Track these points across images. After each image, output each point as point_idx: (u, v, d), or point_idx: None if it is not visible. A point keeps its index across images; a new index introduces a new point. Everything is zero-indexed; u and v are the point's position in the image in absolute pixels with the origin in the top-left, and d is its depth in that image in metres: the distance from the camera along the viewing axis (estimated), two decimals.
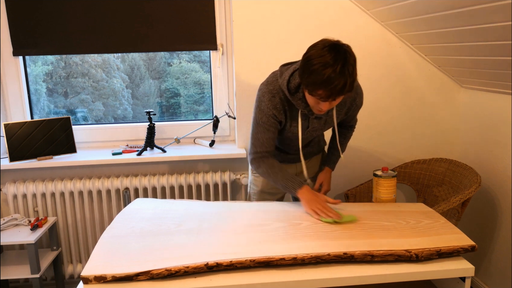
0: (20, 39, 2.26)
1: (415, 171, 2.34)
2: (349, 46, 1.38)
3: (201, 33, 2.31)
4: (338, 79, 1.31)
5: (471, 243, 1.35)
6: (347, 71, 1.32)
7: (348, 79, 1.33)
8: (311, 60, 1.34)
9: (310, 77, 1.35)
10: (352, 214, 1.55)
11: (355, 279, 1.25)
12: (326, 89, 1.34)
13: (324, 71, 1.31)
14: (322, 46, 1.35)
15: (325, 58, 1.32)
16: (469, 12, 1.58)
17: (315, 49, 1.36)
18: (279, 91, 1.56)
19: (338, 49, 1.33)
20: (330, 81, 1.31)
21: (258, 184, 1.89)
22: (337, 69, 1.30)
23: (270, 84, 1.58)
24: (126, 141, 2.47)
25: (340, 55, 1.32)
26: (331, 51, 1.32)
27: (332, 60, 1.31)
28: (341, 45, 1.36)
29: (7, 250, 2.36)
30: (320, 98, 1.39)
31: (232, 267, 1.25)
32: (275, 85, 1.56)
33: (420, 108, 2.42)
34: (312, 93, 1.38)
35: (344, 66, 1.31)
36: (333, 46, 1.34)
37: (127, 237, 1.40)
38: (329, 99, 1.38)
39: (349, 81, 1.33)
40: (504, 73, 1.85)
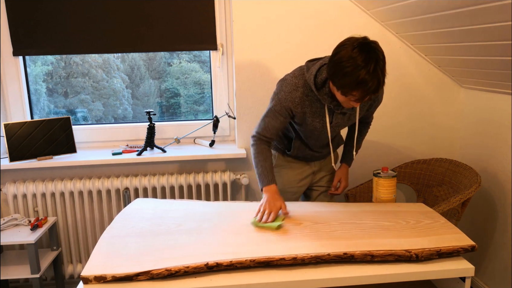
0: (20, 39, 2.26)
1: (415, 171, 2.34)
2: (377, 42, 1.38)
3: (201, 33, 2.32)
4: (372, 80, 1.33)
5: (471, 243, 1.35)
6: (379, 70, 1.34)
7: (381, 78, 1.35)
8: (343, 62, 1.35)
9: (344, 79, 1.36)
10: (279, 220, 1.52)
11: (355, 279, 1.25)
12: (361, 91, 1.36)
13: (358, 73, 1.32)
14: (351, 47, 1.34)
15: (356, 60, 1.32)
16: (469, 12, 1.58)
17: (345, 50, 1.36)
18: (304, 85, 1.58)
19: (368, 49, 1.34)
20: (365, 83, 1.33)
21: (279, 182, 1.87)
22: (370, 70, 1.32)
23: (296, 77, 1.60)
24: (126, 141, 2.47)
25: (371, 55, 1.33)
26: (361, 52, 1.33)
27: (364, 62, 1.32)
28: (370, 43, 1.36)
29: (7, 250, 2.36)
30: (356, 100, 1.41)
31: (232, 267, 1.25)
32: (301, 79, 1.59)
33: (420, 108, 2.42)
34: (347, 94, 1.40)
35: (376, 65, 1.33)
36: (363, 45, 1.35)
37: (127, 237, 1.40)
38: (364, 99, 1.41)
39: (382, 80, 1.36)
40: (504, 73, 1.85)
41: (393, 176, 1.69)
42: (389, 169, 1.73)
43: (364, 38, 1.38)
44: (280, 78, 2.28)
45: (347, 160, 1.92)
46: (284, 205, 1.58)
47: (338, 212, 1.61)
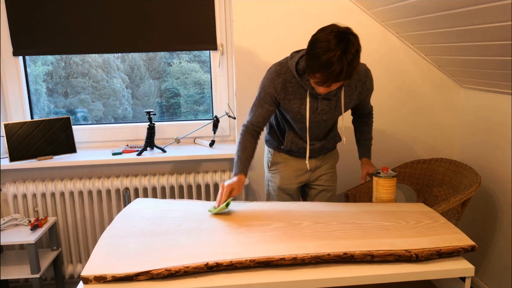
0: (20, 39, 2.26)
1: (415, 171, 2.34)
2: (356, 36, 1.39)
3: (201, 33, 2.32)
4: (336, 65, 1.35)
5: (471, 243, 1.35)
6: (345, 58, 1.35)
7: (345, 66, 1.35)
8: (316, 43, 1.38)
9: (311, 60, 1.40)
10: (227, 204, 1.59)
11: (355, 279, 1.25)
12: (323, 74, 1.38)
13: (324, 56, 1.35)
14: (330, 31, 1.38)
15: (329, 43, 1.35)
16: (469, 12, 1.58)
17: (323, 32, 1.39)
18: (287, 72, 1.62)
19: (343, 36, 1.36)
20: (327, 65, 1.35)
21: (277, 180, 1.89)
22: (336, 55, 1.34)
23: (279, 64, 1.65)
24: (126, 141, 2.47)
25: (343, 43, 1.35)
26: (336, 37, 1.35)
27: (334, 45, 1.34)
28: (347, 33, 1.38)
29: (7, 250, 2.36)
30: (317, 82, 1.44)
31: (232, 267, 1.25)
32: (283, 66, 1.63)
33: (420, 108, 2.42)
34: (311, 75, 1.44)
35: (344, 53, 1.34)
36: (340, 32, 1.37)
37: (127, 237, 1.40)
38: (325, 84, 1.43)
39: (346, 69, 1.36)
40: (504, 73, 1.85)
41: (393, 176, 1.69)
42: (389, 169, 1.73)
43: (346, 28, 1.40)
44: None
45: (365, 153, 1.93)
46: (236, 191, 1.62)
47: (338, 212, 1.61)
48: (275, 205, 1.70)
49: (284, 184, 1.89)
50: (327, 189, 1.94)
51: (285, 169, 1.89)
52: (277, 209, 1.64)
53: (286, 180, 1.89)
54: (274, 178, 1.91)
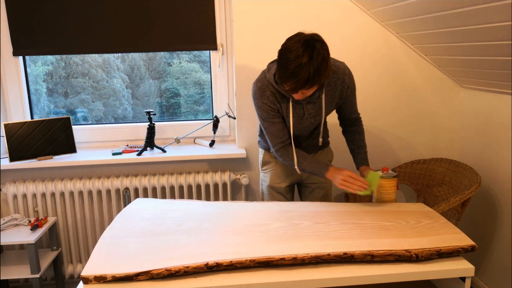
0: (20, 39, 2.26)
1: (415, 171, 2.34)
2: (323, 42, 1.41)
3: (201, 33, 2.32)
4: (303, 73, 1.37)
5: (471, 243, 1.35)
6: (312, 66, 1.37)
7: (312, 74, 1.38)
8: (283, 53, 1.42)
9: (280, 70, 1.43)
10: (374, 174, 1.63)
11: (355, 279, 1.25)
12: (291, 82, 1.41)
13: (291, 65, 1.38)
14: (297, 39, 1.40)
15: (296, 52, 1.37)
16: (469, 12, 1.58)
17: (291, 42, 1.41)
18: (268, 85, 1.64)
19: (310, 45, 1.38)
20: (295, 74, 1.38)
21: (267, 179, 1.93)
22: (303, 62, 1.36)
23: (259, 81, 1.66)
24: (126, 141, 2.47)
25: (309, 51, 1.37)
26: (303, 46, 1.37)
27: (301, 54, 1.36)
28: (313, 39, 1.40)
29: (7, 250, 2.36)
30: (288, 90, 1.46)
31: (232, 267, 1.25)
32: (264, 81, 1.65)
33: (420, 108, 2.42)
34: (283, 84, 1.47)
35: (310, 60, 1.36)
36: (307, 41, 1.39)
37: (127, 237, 1.40)
38: (295, 91, 1.46)
39: (312, 76, 1.38)
40: (504, 73, 1.85)
41: (394, 176, 1.69)
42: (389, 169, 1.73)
43: (313, 35, 1.42)
44: None
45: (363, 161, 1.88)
46: (347, 170, 1.63)
47: (338, 212, 1.61)
48: (275, 205, 1.70)
49: (275, 182, 1.91)
50: (320, 186, 1.95)
51: (275, 168, 1.91)
52: (277, 209, 1.64)
53: (276, 178, 1.90)
54: (265, 177, 1.94)
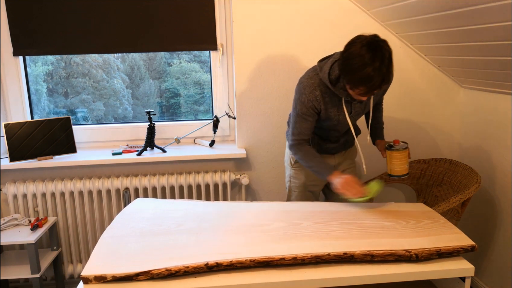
0: (20, 39, 2.26)
1: (415, 171, 2.34)
2: (385, 41, 1.45)
3: (201, 33, 2.32)
4: (376, 77, 1.42)
5: (471, 243, 1.35)
6: (385, 67, 1.42)
7: (385, 75, 1.43)
8: (351, 59, 1.44)
9: (350, 75, 1.46)
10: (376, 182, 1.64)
11: (355, 279, 1.25)
12: (366, 87, 1.45)
13: (364, 71, 1.41)
14: (360, 45, 1.43)
15: (363, 58, 1.41)
16: (469, 12, 1.58)
17: (354, 47, 1.45)
18: (320, 84, 1.67)
19: (375, 47, 1.42)
20: (369, 79, 1.42)
21: (301, 177, 1.93)
22: (376, 67, 1.40)
23: (311, 78, 1.68)
24: (126, 141, 2.47)
25: (378, 53, 1.41)
26: (369, 50, 1.41)
27: (370, 59, 1.40)
28: (378, 41, 1.44)
29: (7, 250, 2.36)
30: (360, 94, 1.50)
31: (232, 267, 1.25)
32: (316, 79, 1.67)
33: (420, 108, 2.42)
34: (353, 89, 1.50)
35: (381, 63, 1.41)
36: (371, 43, 1.43)
37: (127, 237, 1.40)
38: (369, 94, 1.51)
39: (386, 77, 1.44)
40: (504, 73, 1.85)
41: (405, 147, 1.75)
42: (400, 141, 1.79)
43: (373, 36, 1.46)
44: (280, 78, 2.29)
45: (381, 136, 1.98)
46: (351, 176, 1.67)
47: (338, 212, 1.61)
48: (275, 205, 1.70)
49: (310, 181, 1.93)
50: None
51: None
52: (277, 209, 1.65)
53: (311, 175, 1.91)
54: (298, 174, 1.94)
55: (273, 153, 2.40)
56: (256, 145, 2.38)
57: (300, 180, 1.94)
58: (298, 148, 1.78)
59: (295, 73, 2.29)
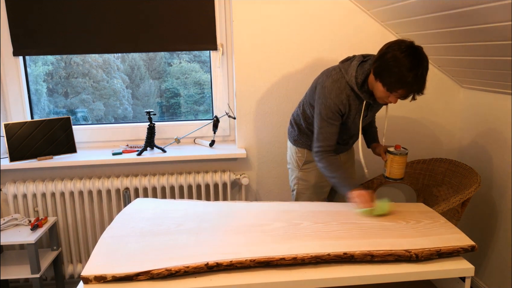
0: (20, 39, 2.26)
1: (415, 171, 2.33)
2: (422, 48, 1.51)
3: (201, 33, 2.32)
4: (417, 83, 1.49)
5: (471, 243, 1.35)
6: (426, 74, 1.49)
7: (425, 81, 1.50)
8: (392, 62, 1.48)
9: (393, 78, 1.49)
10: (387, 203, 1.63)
11: (355, 279, 1.25)
12: (406, 90, 1.49)
13: (408, 75, 1.46)
14: (400, 50, 1.48)
15: (405, 62, 1.46)
16: (469, 12, 1.58)
17: (394, 52, 1.49)
18: (346, 87, 1.67)
19: (416, 53, 1.48)
20: (411, 84, 1.48)
21: (311, 178, 1.94)
22: (418, 73, 1.47)
23: (337, 81, 1.68)
24: (126, 141, 2.47)
25: (419, 61, 1.47)
26: (409, 55, 1.46)
27: (413, 65, 1.46)
28: (417, 48, 1.50)
29: (7, 250, 2.36)
30: (400, 96, 1.54)
31: (232, 267, 1.25)
32: (342, 82, 1.67)
33: (420, 108, 2.42)
34: (392, 91, 1.52)
35: (424, 70, 1.48)
36: (411, 49, 1.48)
37: (127, 237, 1.40)
38: (405, 98, 1.55)
39: (424, 83, 1.51)
40: (504, 73, 1.85)
41: (406, 153, 1.79)
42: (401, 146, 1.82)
43: (411, 42, 1.51)
44: (280, 78, 2.29)
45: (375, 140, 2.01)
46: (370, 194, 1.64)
47: (338, 212, 1.62)
48: (275, 205, 1.70)
49: (320, 181, 1.94)
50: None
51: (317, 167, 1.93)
52: (277, 209, 1.65)
53: (322, 176, 1.91)
54: (307, 176, 1.94)
55: (273, 153, 2.40)
56: (256, 145, 2.38)
57: (309, 182, 1.94)
58: (323, 156, 1.74)
59: (295, 73, 2.30)
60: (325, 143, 1.73)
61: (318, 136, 1.74)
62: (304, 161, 1.94)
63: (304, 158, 1.94)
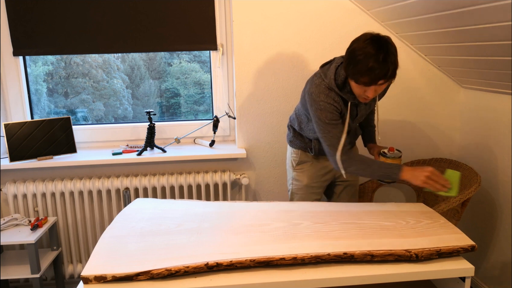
0: (20, 39, 2.26)
1: None
2: (389, 37, 1.50)
3: (201, 33, 2.32)
4: (381, 68, 1.45)
5: (471, 243, 1.35)
6: (389, 59, 1.45)
7: (390, 66, 1.46)
8: (355, 52, 1.48)
9: (356, 67, 1.48)
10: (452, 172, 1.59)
11: (355, 279, 1.25)
12: (370, 77, 1.47)
13: (368, 61, 1.44)
14: (364, 39, 1.48)
15: (368, 49, 1.45)
16: (469, 12, 1.58)
17: (358, 43, 1.49)
18: (328, 89, 1.65)
19: (379, 40, 1.46)
20: (374, 68, 1.45)
21: (303, 178, 1.93)
22: (380, 58, 1.44)
23: (320, 85, 1.66)
24: (126, 141, 2.47)
25: (382, 46, 1.45)
26: (373, 43, 1.45)
27: (374, 50, 1.44)
28: (381, 37, 1.49)
29: (7, 250, 2.36)
30: (365, 84, 1.50)
31: (232, 267, 1.25)
32: (322, 86, 1.65)
33: (420, 108, 2.42)
34: (358, 81, 1.50)
35: (386, 55, 1.44)
36: (374, 38, 1.47)
37: (127, 237, 1.40)
38: (372, 85, 1.50)
39: (391, 69, 1.46)
40: (504, 73, 1.85)
41: (399, 156, 1.77)
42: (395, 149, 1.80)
43: (377, 34, 1.50)
44: (280, 78, 2.29)
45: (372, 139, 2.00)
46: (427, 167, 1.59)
47: (338, 212, 1.61)
48: (275, 205, 1.70)
49: (313, 181, 1.93)
50: (351, 184, 2.01)
51: (312, 167, 1.93)
52: (277, 209, 1.64)
53: (315, 177, 1.93)
54: (300, 176, 1.95)
55: (273, 153, 2.40)
56: (256, 145, 2.38)
57: (302, 182, 1.94)
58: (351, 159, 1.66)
59: (295, 73, 2.30)
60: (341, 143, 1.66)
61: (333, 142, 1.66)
62: (298, 161, 1.95)
63: (298, 158, 1.95)
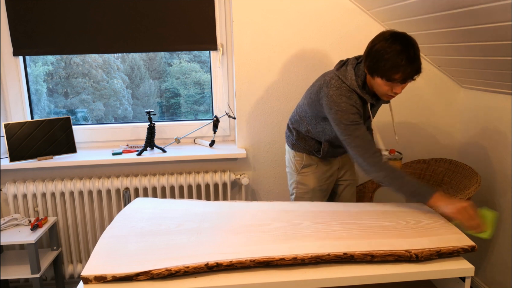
0: (20, 39, 2.26)
1: (415, 171, 2.33)
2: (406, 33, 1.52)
3: (201, 33, 2.32)
4: (413, 63, 1.47)
5: (471, 243, 1.35)
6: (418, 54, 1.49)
7: (419, 62, 1.49)
8: (381, 51, 1.49)
9: (387, 65, 1.48)
10: (489, 211, 1.54)
11: (355, 279, 1.25)
12: (403, 73, 1.48)
13: (401, 57, 1.45)
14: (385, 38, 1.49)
15: (395, 46, 1.46)
16: (469, 12, 1.58)
17: (381, 42, 1.50)
18: (349, 91, 1.63)
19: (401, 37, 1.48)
20: (406, 65, 1.46)
21: (310, 182, 1.92)
22: (411, 54, 1.46)
23: (340, 87, 1.63)
24: (126, 141, 2.47)
25: (407, 42, 1.47)
26: (396, 40, 1.47)
27: (402, 47, 1.46)
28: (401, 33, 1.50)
29: (7, 250, 2.36)
30: (398, 81, 1.52)
31: (232, 267, 1.25)
32: (343, 88, 1.63)
33: (420, 108, 2.42)
34: (390, 79, 1.51)
35: (416, 50, 1.48)
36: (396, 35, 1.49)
37: (127, 237, 1.40)
38: (407, 81, 1.52)
39: (420, 63, 1.50)
40: (504, 73, 1.85)
41: (400, 158, 1.80)
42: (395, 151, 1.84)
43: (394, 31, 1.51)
44: (280, 78, 2.29)
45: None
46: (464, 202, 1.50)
47: (338, 212, 1.61)
48: (275, 205, 1.70)
49: (319, 184, 1.93)
50: (351, 183, 2.03)
51: (318, 170, 1.92)
52: (277, 209, 1.64)
53: (321, 180, 1.92)
54: (306, 179, 1.93)
55: (273, 153, 2.40)
56: (256, 145, 2.38)
57: (308, 186, 1.92)
58: (381, 165, 1.57)
59: (295, 73, 2.30)
60: (374, 149, 1.59)
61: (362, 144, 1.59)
62: (303, 164, 1.92)
63: (302, 161, 1.92)
